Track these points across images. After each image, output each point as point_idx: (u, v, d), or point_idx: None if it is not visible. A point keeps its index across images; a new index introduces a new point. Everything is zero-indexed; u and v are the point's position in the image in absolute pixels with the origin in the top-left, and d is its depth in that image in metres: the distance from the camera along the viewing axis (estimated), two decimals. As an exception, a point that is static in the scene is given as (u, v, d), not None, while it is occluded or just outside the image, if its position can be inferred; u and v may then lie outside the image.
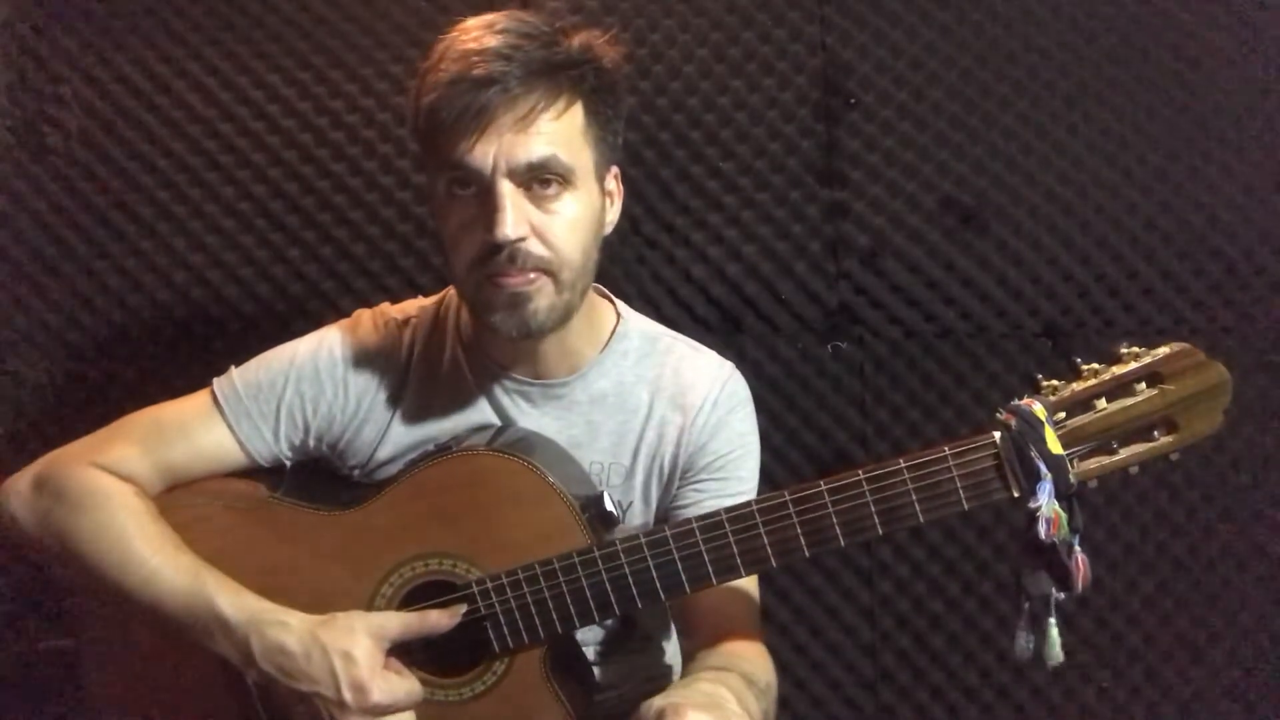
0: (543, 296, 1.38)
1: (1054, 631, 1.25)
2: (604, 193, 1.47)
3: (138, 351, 2.17)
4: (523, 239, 1.34)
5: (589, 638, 1.59)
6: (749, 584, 1.52)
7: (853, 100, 2.13)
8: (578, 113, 1.38)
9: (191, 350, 2.17)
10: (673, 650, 1.72)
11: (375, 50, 2.17)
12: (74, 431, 1.54)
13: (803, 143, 2.14)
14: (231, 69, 2.17)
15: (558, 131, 1.35)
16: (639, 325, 1.63)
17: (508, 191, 1.32)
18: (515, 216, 1.32)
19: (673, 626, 1.70)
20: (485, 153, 1.31)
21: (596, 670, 1.58)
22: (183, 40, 2.17)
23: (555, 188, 1.36)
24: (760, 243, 2.14)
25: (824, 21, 2.13)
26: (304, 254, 2.17)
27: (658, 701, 1.22)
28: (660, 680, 1.66)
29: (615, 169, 1.51)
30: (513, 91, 1.31)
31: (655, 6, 2.14)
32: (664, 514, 1.58)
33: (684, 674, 1.45)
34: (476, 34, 1.35)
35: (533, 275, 1.36)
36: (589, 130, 1.40)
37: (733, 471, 1.56)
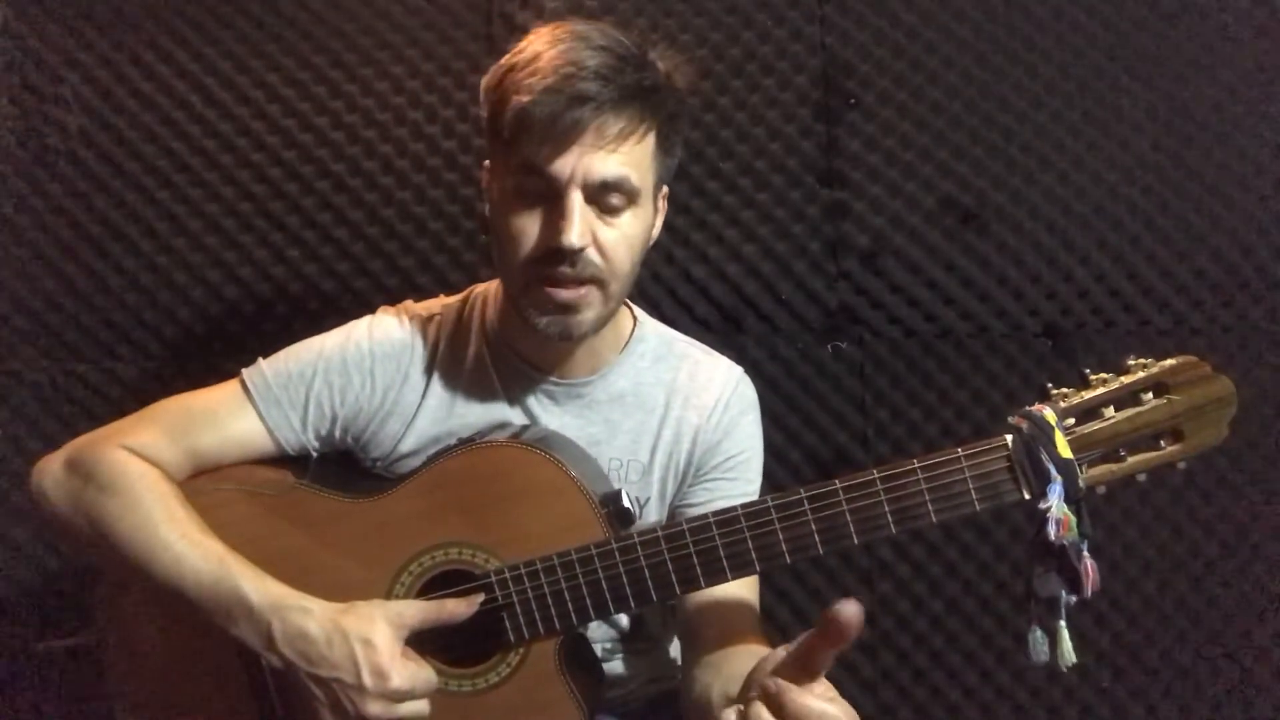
0: (591, 309, 1.42)
1: (1065, 633, 1.26)
2: (655, 209, 1.51)
3: (138, 351, 2.16)
4: (585, 248, 1.36)
5: (597, 635, 1.61)
6: (750, 590, 1.53)
7: (853, 100, 2.14)
8: (652, 137, 1.42)
9: (191, 350, 2.16)
10: (677, 650, 1.73)
11: (375, 50, 2.17)
12: (74, 431, 1.54)
13: (803, 143, 2.14)
14: (231, 69, 2.17)
15: (633, 153, 1.38)
16: (655, 329, 1.67)
17: (578, 202, 1.35)
18: (581, 226, 1.35)
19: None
20: (566, 163, 1.34)
21: (604, 667, 1.59)
22: (183, 40, 2.17)
23: (620, 205, 1.39)
24: (760, 243, 2.15)
25: (824, 21, 2.14)
26: (304, 254, 2.17)
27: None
28: (665, 680, 1.69)
29: (665, 187, 1.54)
30: (604, 113, 1.34)
31: (655, 6, 2.15)
32: (673, 513, 1.60)
33: (698, 679, 1.43)
34: (573, 45, 1.37)
35: (584, 290, 1.40)
36: (657, 153, 1.44)
37: (741, 473, 1.60)
